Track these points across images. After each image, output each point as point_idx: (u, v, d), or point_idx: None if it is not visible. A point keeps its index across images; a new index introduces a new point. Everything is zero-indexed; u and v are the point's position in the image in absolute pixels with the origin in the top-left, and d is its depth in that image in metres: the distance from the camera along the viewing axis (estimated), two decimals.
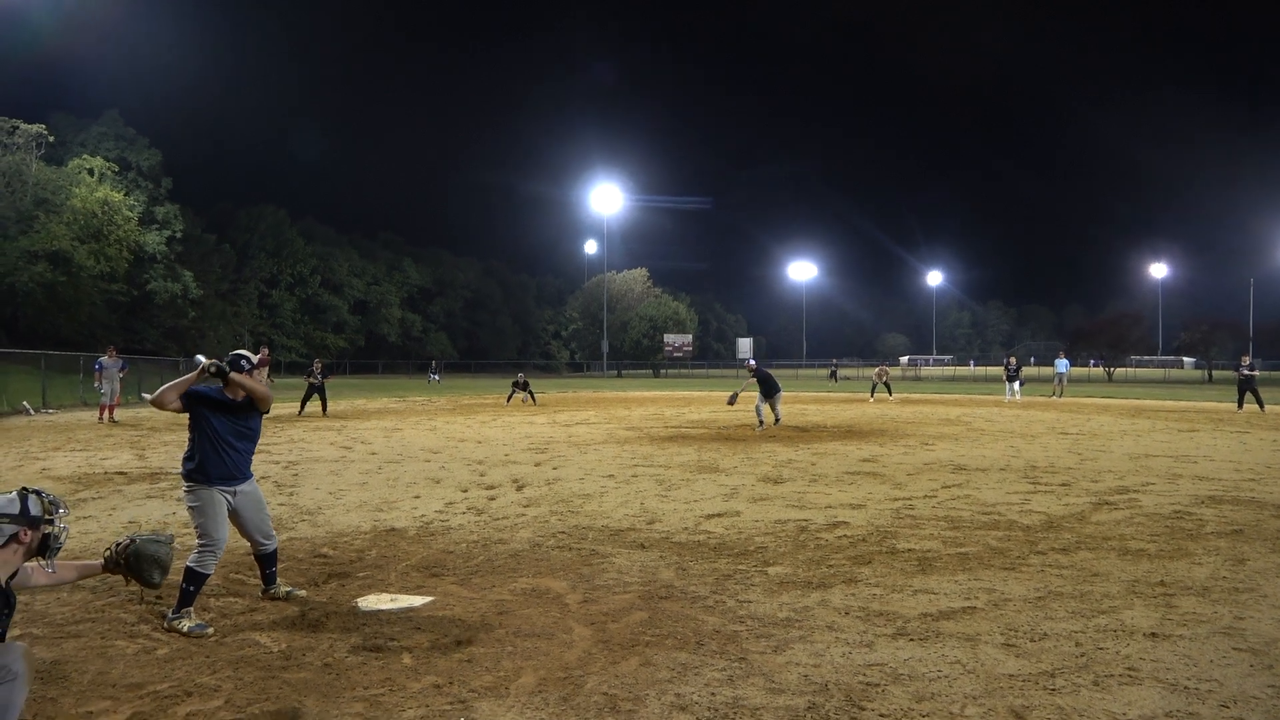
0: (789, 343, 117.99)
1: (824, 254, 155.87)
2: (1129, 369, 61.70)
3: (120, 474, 10.20)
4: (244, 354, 4.76)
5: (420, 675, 3.76)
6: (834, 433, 15.77)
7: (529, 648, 4.10)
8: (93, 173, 49.86)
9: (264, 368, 4.94)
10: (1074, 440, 14.19)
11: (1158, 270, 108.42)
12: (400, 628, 4.41)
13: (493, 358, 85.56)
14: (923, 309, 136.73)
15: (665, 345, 77.43)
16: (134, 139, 57.02)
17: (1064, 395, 30.58)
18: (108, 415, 18.52)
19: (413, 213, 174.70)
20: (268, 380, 4.89)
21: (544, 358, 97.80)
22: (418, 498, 8.55)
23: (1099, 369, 59.49)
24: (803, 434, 15.45)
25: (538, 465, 11.07)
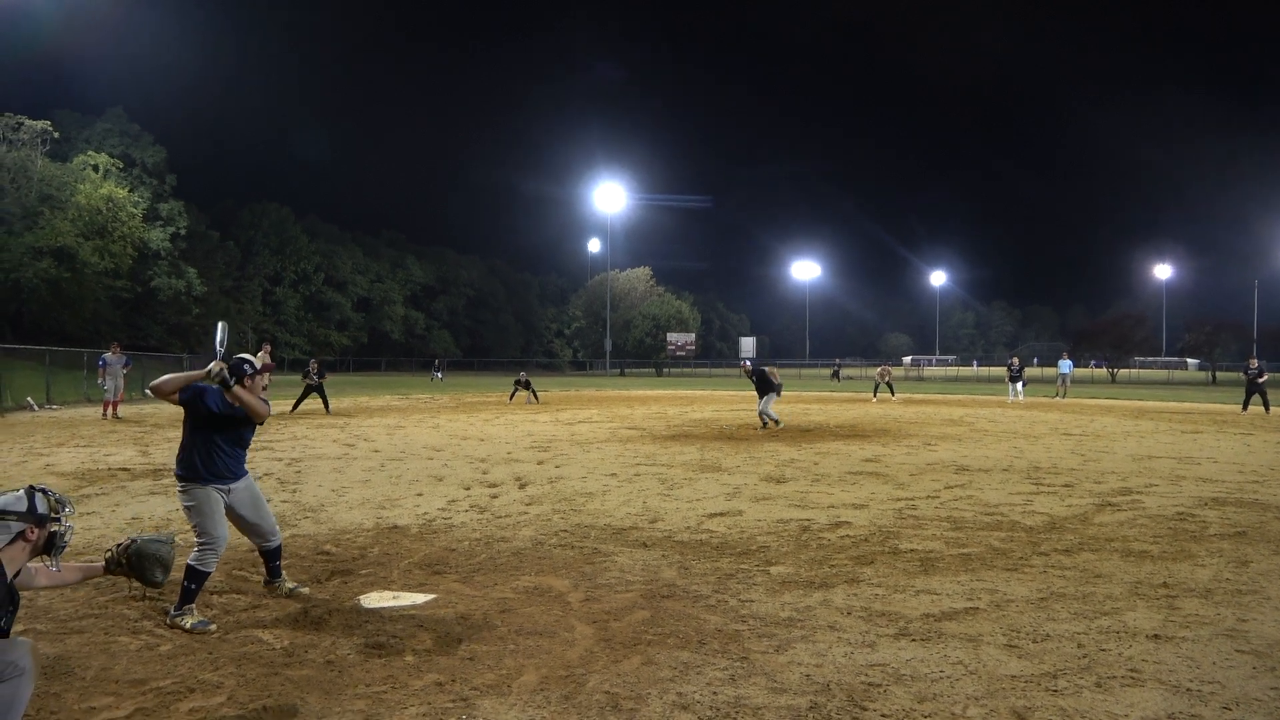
0: (792, 342, 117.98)
1: (827, 253, 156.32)
2: (1132, 370, 61.59)
3: (124, 470, 10.22)
4: (247, 359, 4.73)
5: (422, 673, 3.76)
6: (836, 432, 15.77)
7: (531, 646, 4.11)
8: (97, 169, 49.91)
9: (267, 373, 4.91)
10: (1077, 441, 14.17)
11: (1161, 271, 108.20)
12: (402, 625, 4.41)
13: (496, 356, 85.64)
14: (926, 309, 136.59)
15: (668, 344, 77.43)
16: (138, 135, 57.06)
17: (1067, 396, 30.55)
18: (111, 411, 18.56)
19: (416, 211, 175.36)
20: (268, 382, 4.86)
21: (547, 356, 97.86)
22: (420, 495, 8.56)
23: (1102, 370, 59.36)
24: (805, 434, 15.44)
25: (540, 463, 11.07)
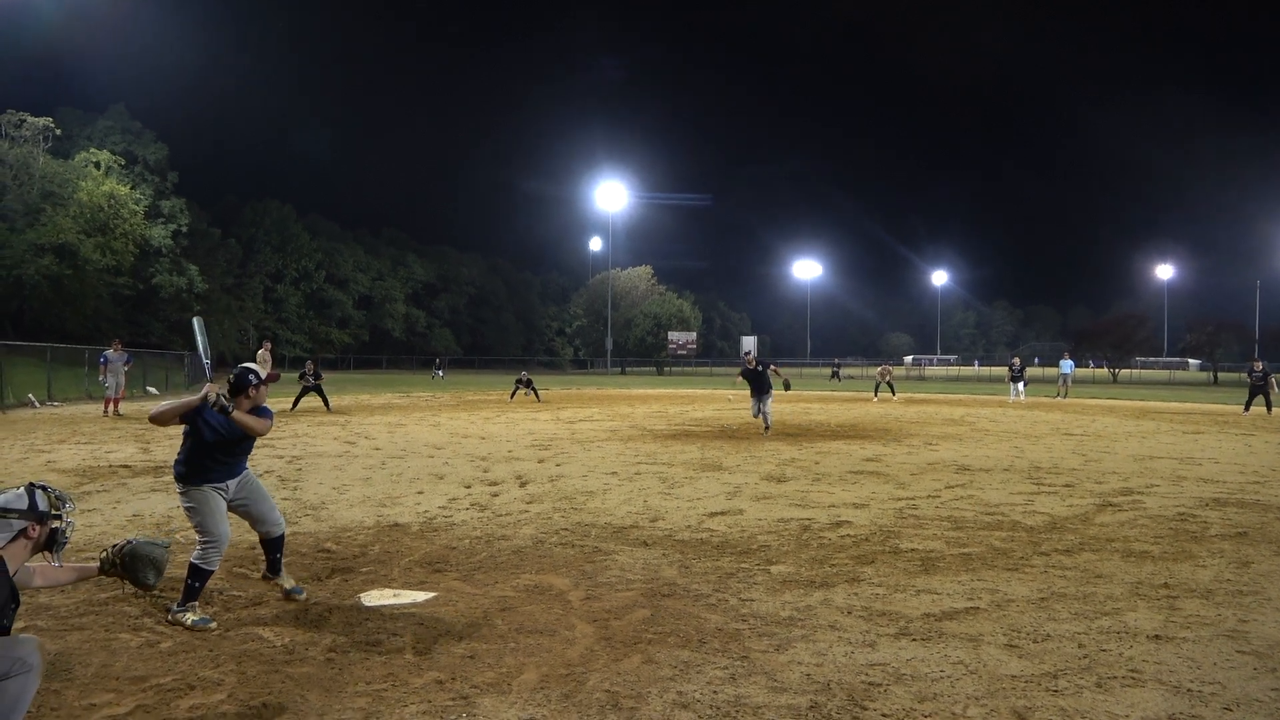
0: (793, 341, 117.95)
1: (828, 253, 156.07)
2: (1134, 370, 61.55)
3: (125, 467, 10.22)
4: (252, 369, 4.70)
5: (422, 671, 3.76)
6: (837, 432, 15.76)
7: (531, 644, 4.11)
8: (99, 166, 49.94)
9: (271, 384, 4.87)
10: (1078, 441, 14.16)
11: (1163, 271, 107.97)
12: (403, 623, 4.41)
13: (497, 354, 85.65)
14: (927, 308, 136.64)
15: (669, 343, 77.37)
16: (140, 133, 57.06)
17: (1068, 396, 30.53)
18: (112, 408, 18.56)
19: (417, 210, 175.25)
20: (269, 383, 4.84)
21: (548, 354, 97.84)
22: (421, 493, 8.56)
23: (1103, 370, 59.33)
24: (806, 433, 15.44)
25: (541, 462, 11.07)
